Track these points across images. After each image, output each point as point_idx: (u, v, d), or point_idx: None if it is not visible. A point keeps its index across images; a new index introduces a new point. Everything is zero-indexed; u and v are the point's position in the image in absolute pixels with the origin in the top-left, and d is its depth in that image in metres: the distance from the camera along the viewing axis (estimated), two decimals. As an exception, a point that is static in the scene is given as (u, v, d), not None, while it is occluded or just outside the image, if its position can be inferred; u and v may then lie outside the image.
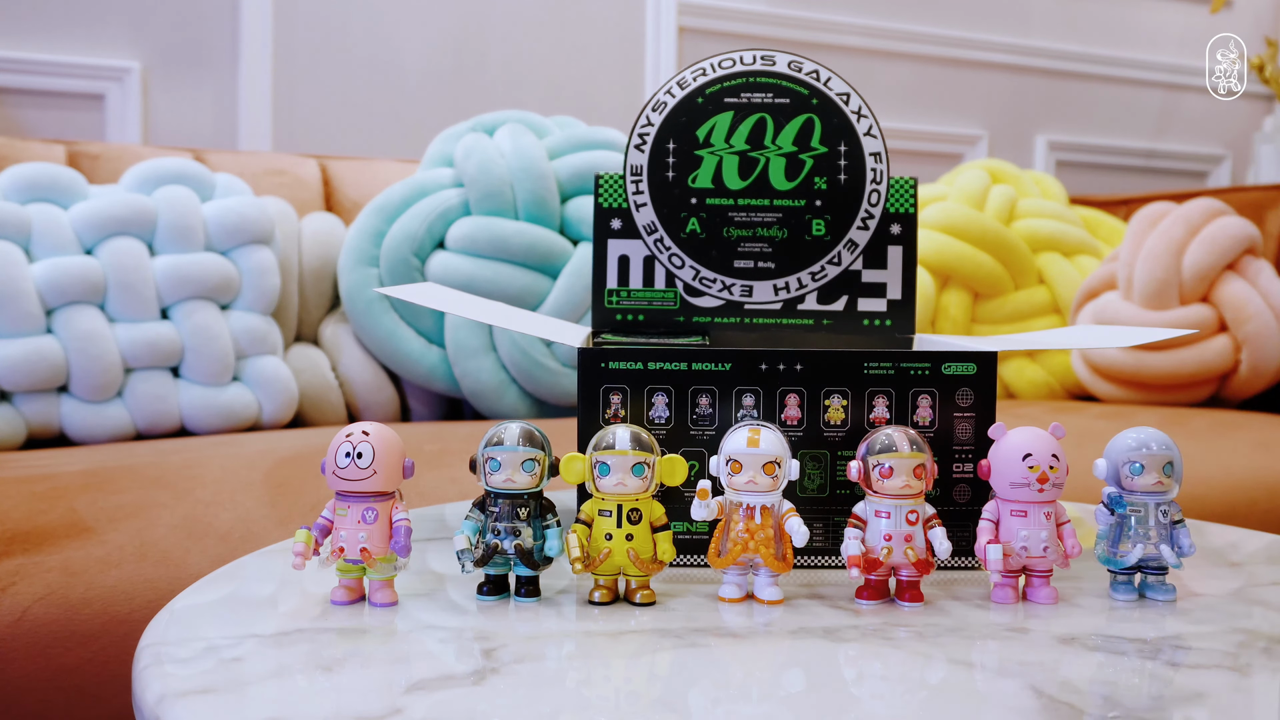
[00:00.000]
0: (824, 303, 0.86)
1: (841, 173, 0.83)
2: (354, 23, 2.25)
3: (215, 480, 1.15)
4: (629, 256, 0.85)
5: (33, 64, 2.00)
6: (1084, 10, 3.09)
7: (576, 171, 1.72)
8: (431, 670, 0.54)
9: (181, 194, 1.56)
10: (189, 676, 0.53)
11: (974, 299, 2.09)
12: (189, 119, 2.13)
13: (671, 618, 0.63)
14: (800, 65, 0.83)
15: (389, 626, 0.61)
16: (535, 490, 0.65)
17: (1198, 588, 0.70)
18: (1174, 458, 0.66)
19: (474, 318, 0.81)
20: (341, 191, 1.87)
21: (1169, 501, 0.67)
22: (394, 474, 0.64)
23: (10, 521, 1.01)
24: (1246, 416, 1.75)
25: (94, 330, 1.45)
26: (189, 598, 0.65)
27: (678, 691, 0.53)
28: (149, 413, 1.48)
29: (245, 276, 1.57)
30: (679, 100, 0.83)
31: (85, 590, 0.93)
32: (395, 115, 2.29)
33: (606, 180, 0.85)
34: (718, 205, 0.83)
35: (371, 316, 1.67)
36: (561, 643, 0.59)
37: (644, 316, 0.85)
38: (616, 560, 0.64)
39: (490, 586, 0.66)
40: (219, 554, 0.98)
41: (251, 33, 2.15)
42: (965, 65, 2.94)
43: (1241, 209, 2.04)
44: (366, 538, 0.63)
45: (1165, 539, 0.66)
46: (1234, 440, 1.56)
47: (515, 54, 2.40)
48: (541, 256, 1.67)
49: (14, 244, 1.44)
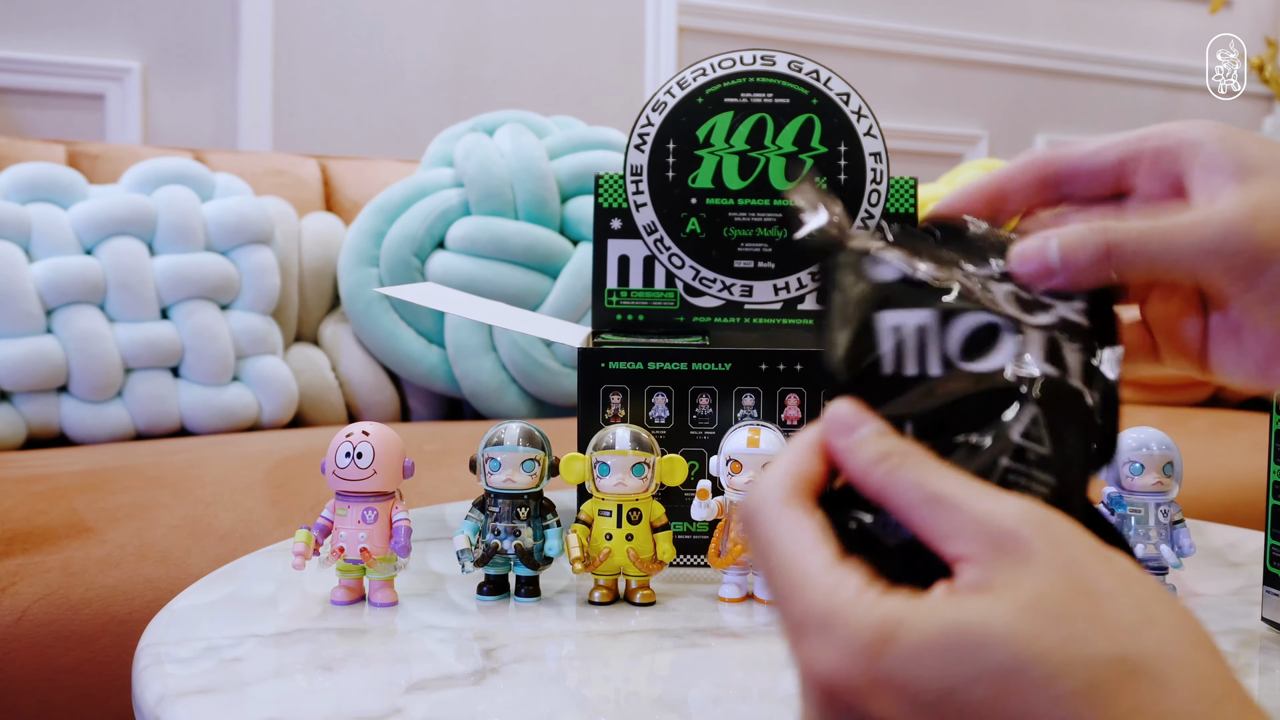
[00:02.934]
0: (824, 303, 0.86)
1: (841, 173, 0.83)
2: (354, 23, 2.25)
3: (215, 480, 1.15)
4: (629, 256, 0.85)
5: (32, 64, 2.00)
6: (1084, 10, 3.09)
7: (576, 171, 1.72)
8: (431, 670, 0.54)
9: (181, 194, 1.56)
10: (189, 676, 0.53)
11: (974, 299, 2.09)
12: (189, 119, 2.13)
13: (671, 618, 0.63)
14: (800, 65, 0.83)
15: (389, 626, 0.61)
16: (535, 490, 0.65)
17: (1198, 588, 0.70)
18: (1174, 458, 0.66)
19: (474, 318, 0.81)
20: (341, 191, 1.87)
21: (1169, 501, 0.67)
22: (394, 474, 0.64)
23: (10, 521, 1.01)
24: (1247, 416, 1.75)
25: (94, 330, 1.45)
26: (189, 598, 0.65)
27: (678, 691, 0.53)
28: (149, 413, 1.48)
29: (245, 276, 1.57)
30: (679, 100, 0.83)
31: (85, 590, 0.93)
32: (395, 115, 2.29)
33: (606, 180, 0.85)
34: (718, 205, 0.83)
35: (371, 316, 1.67)
36: (561, 643, 0.59)
37: (644, 316, 0.85)
38: (616, 560, 0.64)
39: (490, 586, 0.66)
40: (219, 554, 0.98)
41: (251, 33, 2.15)
42: (966, 65, 2.94)
43: (1242, 209, 2.03)
44: (366, 538, 0.63)
45: (1165, 539, 0.66)
46: (1234, 440, 1.56)
47: (515, 54, 2.40)
48: (541, 256, 1.67)
49: (14, 244, 1.44)
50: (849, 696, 0.28)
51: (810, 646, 0.28)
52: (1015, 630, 0.26)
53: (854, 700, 0.28)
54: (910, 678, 0.27)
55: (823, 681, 0.28)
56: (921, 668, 0.27)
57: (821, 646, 0.28)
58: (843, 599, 0.28)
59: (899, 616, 0.27)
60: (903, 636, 0.27)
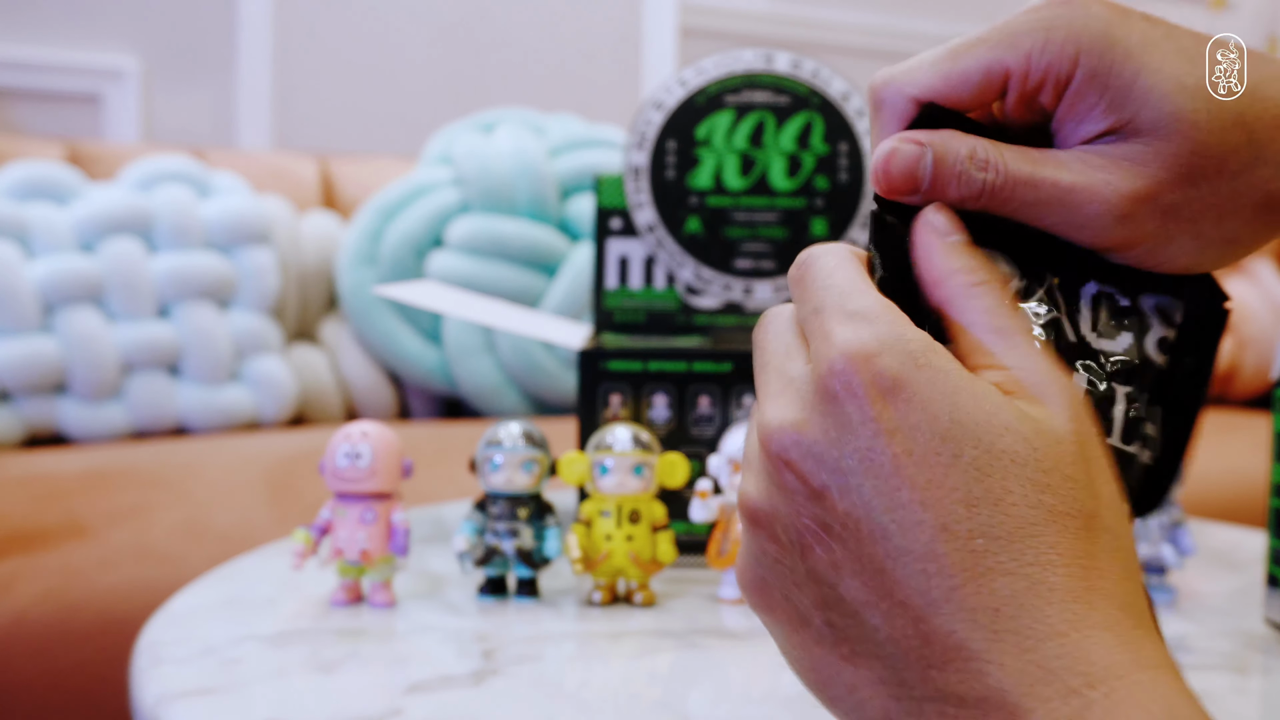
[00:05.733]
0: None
1: (842, 172, 0.83)
2: (353, 20, 2.25)
3: (214, 480, 1.15)
4: (629, 256, 0.85)
5: (32, 64, 2.00)
6: (1084, 10, 3.09)
7: (576, 170, 1.72)
8: (431, 671, 0.54)
9: (180, 193, 1.55)
10: (187, 677, 0.52)
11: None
12: (188, 117, 2.13)
13: (671, 618, 0.63)
14: (800, 65, 0.83)
15: (388, 627, 0.60)
16: (535, 491, 0.65)
17: (1198, 588, 0.70)
18: (1175, 458, 0.66)
19: (474, 319, 0.80)
20: (341, 190, 1.87)
21: (1170, 502, 0.67)
22: (393, 474, 0.64)
23: (9, 522, 1.00)
24: (1248, 416, 1.75)
25: (92, 330, 1.44)
26: (187, 598, 0.65)
27: (678, 692, 0.53)
28: (147, 412, 1.48)
29: (244, 276, 1.57)
30: (679, 100, 0.83)
31: (84, 591, 0.93)
32: (395, 113, 2.29)
33: (606, 180, 0.85)
34: (718, 205, 0.83)
35: (370, 316, 1.67)
36: (561, 643, 0.59)
37: (644, 316, 0.85)
38: (616, 561, 0.64)
39: (490, 587, 0.65)
40: (218, 554, 0.98)
41: (250, 30, 2.15)
42: (965, 65, 2.94)
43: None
44: (365, 539, 0.62)
45: (1166, 539, 0.66)
46: (1235, 440, 1.56)
47: (515, 52, 2.40)
48: (541, 256, 1.67)
49: (12, 243, 1.44)
50: (866, 388, 0.27)
51: (850, 328, 0.28)
52: (1035, 441, 0.27)
53: (868, 392, 0.27)
54: (934, 399, 0.27)
55: (850, 357, 0.28)
56: (945, 401, 0.27)
57: (865, 330, 0.28)
58: (898, 315, 0.29)
59: (948, 355, 0.28)
60: (947, 369, 0.28)
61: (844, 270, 0.30)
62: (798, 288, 0.31)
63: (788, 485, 0.29)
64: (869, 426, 0.27)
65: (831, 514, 0.28)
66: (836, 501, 0.28)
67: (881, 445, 0.27)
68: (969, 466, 0.27)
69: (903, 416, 0.27)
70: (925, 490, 0.27)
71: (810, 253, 0.32)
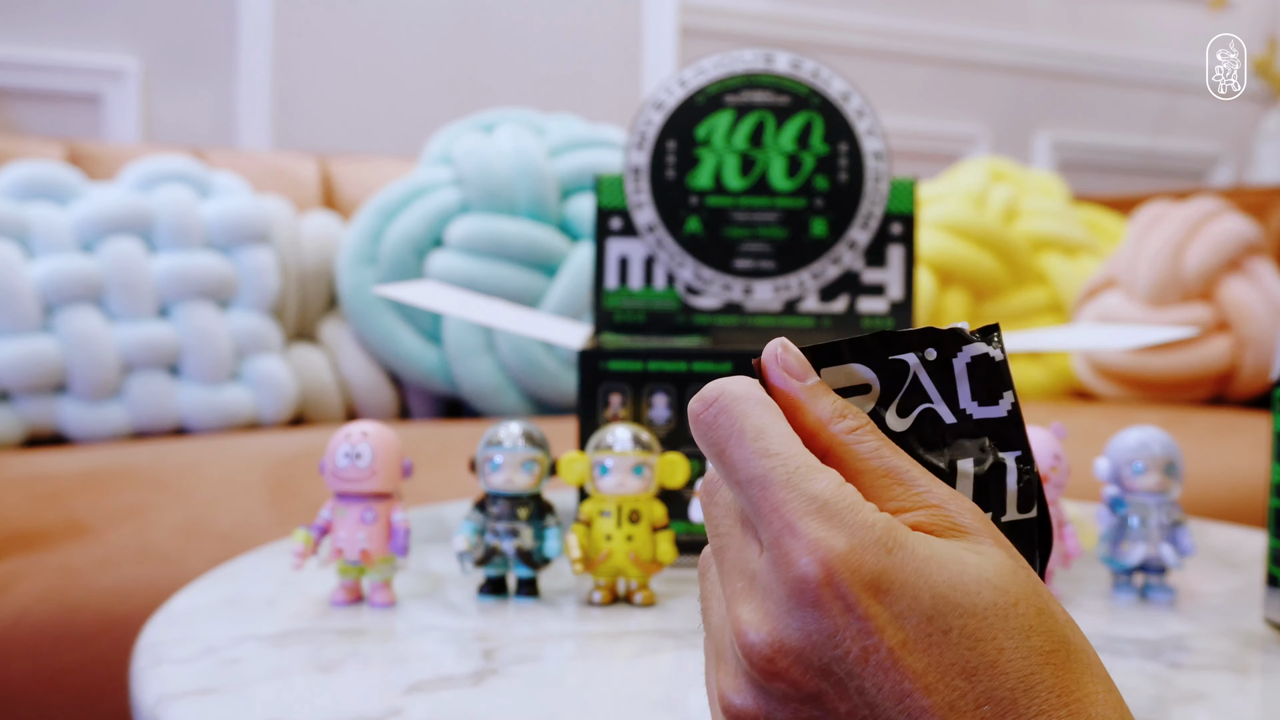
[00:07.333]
0: (824, 303, 0.85)
1: (842, 172, 0.83)
2: (353, 20, 2.25)
3: (215, 480, 1.15)
4: (629, 256, 0.85)
5: (32, 64, 2.00)
6: (1085, 10, 3.09)
7: (576, 170, 1.72)
8: (431, 671, 0.54)
9: (180, 193, 1.55)
10: (188, 677, 0.52)
11: (975, 299, 2.09)
12: (188, 117, 2.13)
13: (671, 618, 0.63)
14: (800, 65, 0.83)
15: (388, 627, 0.60)
16: (535, 491, 0.65)
17: (1198, 588, 0.70)
18: (1175, 458, 0.66)
19: (474, 319, 0.80)
20: (341, 190, 1.87)
21: (1170, 502, 0.67)
22: (393, 474, 0.64)
23: (9, 522, 1.00)
24: (1248, 416, 1.75)
25: (92, 330, 1.44)
26: (188, 598, 0.65)
27: (678, 692, 0.53)
28: (148, 413, 1.48)
29: (244, 276, 1.57)
30: (679, 99, 0.83)
31: (84, 591, 0.93)
32: (395, 113, 2.29)
33: (606, 180, 0.85)
34: (718, 205, 0.83)
35: (370, 316, 1.67)
36: (561, 643, 0.59)
37: (644, 316, 0.85)
38: (616, 561, 0.64)
39: (490, 587, 0.65)
40: (218, 554, 0.98)
41: (250, 30, 2.15)
42: (966, 65, 2.94)
43: (1243, 209, 2.04)
44: (365, 539, 0.62)
45: (1166, 539, 0.66)
46: (1235, 440, 1.56)
47: (515, 52, 2.40)
48: (541, 256, 1.67)
49: (12, 243, 1.44)
50: (854, 590, 0.27)
51: (822, 529, 0.28)
52: (1003, 584, 0.28)
53: (858, 595, 0.27)
54: (913, 582, 0.27)
55: (828, 564, 0.28)
56: (923, 580, 0.28)
57: (835, 532, 0.28)
58: (854, 495, 0.29)
59: (906, 529, 0.29)
60: (913, 545, 0.28)
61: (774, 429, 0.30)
62: (711, 433, 0.31)
63: (779, 693, 0.29)
64: (859, 625, 0.27)
65: (834, 715, 0.28)
66: (837, 702, 0.28)
67: (875, 641, 0.27)
68: (960, 638, 0.27)
69: (890, 607, 0.27)
70: (925, 676, 0.27)
71: (721, 396, 0.31)
